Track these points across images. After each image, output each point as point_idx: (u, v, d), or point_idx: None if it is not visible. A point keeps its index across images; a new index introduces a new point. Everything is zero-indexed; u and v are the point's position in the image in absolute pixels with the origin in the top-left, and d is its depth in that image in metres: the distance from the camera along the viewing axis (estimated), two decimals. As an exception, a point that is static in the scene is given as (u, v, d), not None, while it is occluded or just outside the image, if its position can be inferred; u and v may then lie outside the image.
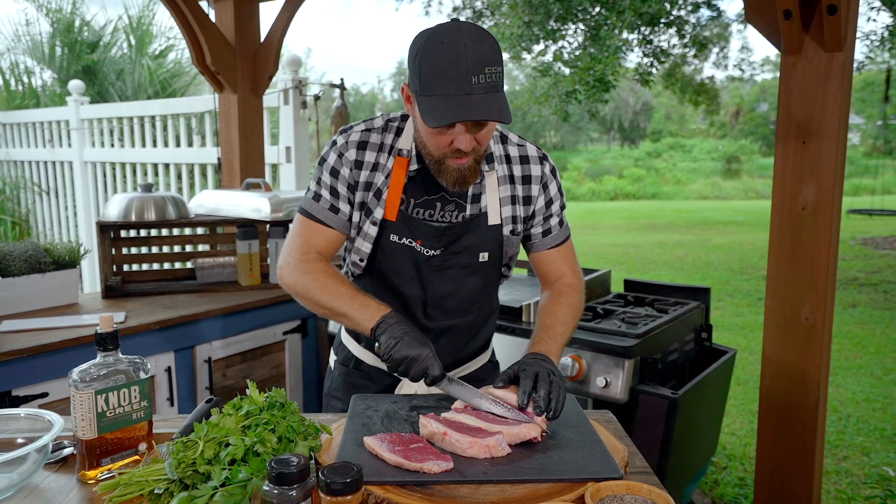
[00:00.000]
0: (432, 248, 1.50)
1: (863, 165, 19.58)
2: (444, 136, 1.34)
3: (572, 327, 1.57)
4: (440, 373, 1.32)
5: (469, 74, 1.24)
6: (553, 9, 7.64)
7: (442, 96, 1.26)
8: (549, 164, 1.59)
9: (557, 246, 1.63)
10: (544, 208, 1.58)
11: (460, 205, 1.51)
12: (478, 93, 1.25)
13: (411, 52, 1.32)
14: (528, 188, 1.56)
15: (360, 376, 1.67)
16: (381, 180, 1.49)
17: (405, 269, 1.51)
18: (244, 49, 3.66)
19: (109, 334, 1.24)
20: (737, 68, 12.19)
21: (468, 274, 1.54)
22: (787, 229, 2.32)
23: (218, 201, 3.15)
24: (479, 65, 1.24)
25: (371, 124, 1.52)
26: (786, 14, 2.11)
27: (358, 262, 1.54)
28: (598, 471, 1.14)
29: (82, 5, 8.34)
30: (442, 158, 1.38)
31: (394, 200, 1.47)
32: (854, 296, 7.39)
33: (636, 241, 11.54)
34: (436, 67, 1.26)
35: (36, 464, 1.18)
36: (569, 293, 1.60)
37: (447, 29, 1.28)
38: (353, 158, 1.49)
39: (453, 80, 1.25)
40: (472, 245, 1.51)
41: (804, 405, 2.35)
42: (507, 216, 1.54)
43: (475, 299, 1.59)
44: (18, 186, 6.41)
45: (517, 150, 1.57)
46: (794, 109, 2.26)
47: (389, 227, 1.49)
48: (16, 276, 2.56)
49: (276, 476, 0.94)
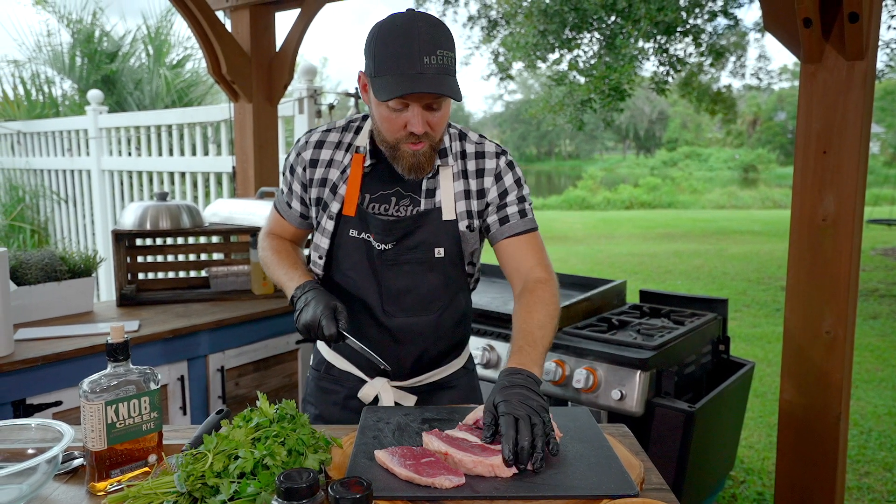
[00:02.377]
0: (383, 242, 1.51)
1: (883, 175, 19.34)
2: (397, 118, 1.37)
3: (552, 329, 1.44)
4: (335, 330, 1.37)
5: (421, 55, 1.29)
6: (568, 18, 7.63)
7: (394, 75, 1.30)
8: (506, 158, 1.57)
9: (519, 235, 1.54)
10: (497, 199, 1.54)
11: (415, 199, 1.52)
12: (429, 73, 1.30)
13: (367, 39, 1.37)
14: (480, 181, 1.55)
15: (330, 381, 1.68)
16: (337, 176, 1.54)
17: (361, 264, 1.53)
18: (260, 58, 3.68)
19: (120, 345, 1.23)
20: (754, 77, 12.11)
21: (425, 270, 1.53)
22: (807, 241, 2.28)
23: (232, 210, 3.16)
24: (432, 47, 1.30)
25: (333, 125, 1.60)
26: (805, 22, 2.08)
27: (318, 259, 1.58)
28: (613, 488, 1.11)
29: (102, 16, 8.46)
30: (397, 143, 1.41)
31: (352, 195, 1.51)
32: (875, 307, 7.27)
33: (652, 250, 11.45)
34: (389, 47, 1.31)
35: (46, 475, 1.17)
36: (540, 289, 1.48)
37: (402, 14, 1.34)
38: (308, 157, 1.57)
39: (405, 59, 1.29)
40: (426, 240, 1.51)
41: (825, 420, 2.30)
42: (462, 211, 1.53)
43: (434, 297, 1.55)
44: (38, 195, 6.48)
45: (474, 146, 1.57)
46: (815, 119, 2.23)
47: (348, 223, 1.52)
48: (31, 284, 2.58)
49: (285, 491, 0.93)
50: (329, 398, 1.66)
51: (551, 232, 14.27)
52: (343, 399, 1.65)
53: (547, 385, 2.40)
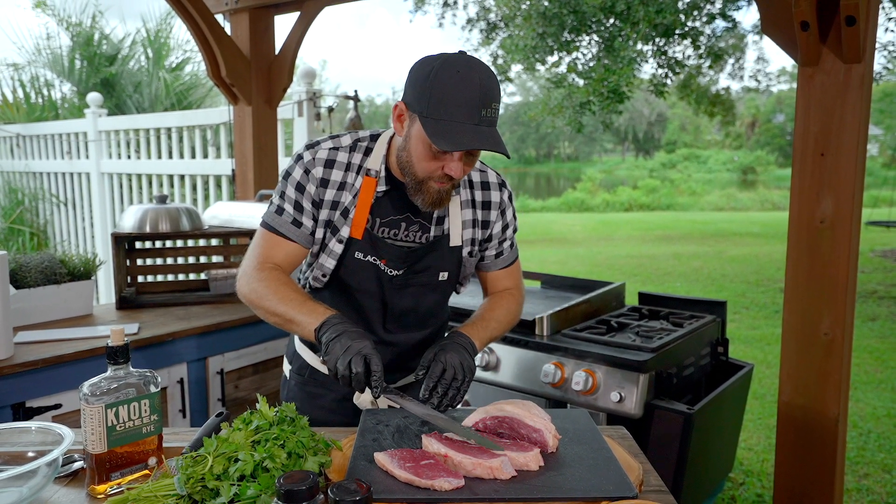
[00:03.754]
0: (396, 269, 1.54)
1: (881, 177, 19.38)
2: (436, 161, 1.38)
3: (505, 326, 1.66)
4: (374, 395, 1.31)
5: (480, 107, 1.32)
6: (567, 20, 7.65)
7: (453, 122, 1.31)
8: (507, 191, 1.67)
9: (507, 267, 1.72)
10: (500, 233, 1.66)
11: (424, 226, 1.56)
12: (484, 125, 1.33)
13: (421, 74, 1.35)
14: (487, 213, 1.63)
15: (316, 385, 1.68)
16: (349, 199, 1.52)
17: (368, 286, 1.55)
18: (259, 61, 3.69)
19: (120, 348, 1.24)
20: (753, 79, 12.10)
21: (428, 291, 1.60)
22: (805, 243, 2.29)
23: (232, 212, 3.16)
24: (488, 100, 1.33)
25: (339, 143, 1.54)
26: (803, 25, 2.09)
27: (320, 277, 1.57)
28: (612, 489, 1.11)
29: (102, 19, 8.48)
30: (426, 180, 1.42)
31: (360, 219, 1.51)
32: (874, 309, 7.27)
33: (651, 252, 11.46)
34: (449, 94, 1.31)
35: (46, 478, 1.17)
36: (509, 299, 1.70)
37: (460, 60, 1.34)
38: (319, 176, 1.51)
39: (465, 109, 1.31)
40: (433, 265, 1.57)
41: (824, 421, 2.31)
42: (468, 238, 1.61)
43: (432, 314, 1.65)
44: (37, 198, 6.48)
45: (479, 175, 1.63)
46: (812, 122, 2.23)
47: (355, 245, 1.52)
48: (31, 287, 2.58)
49: (285, 493, 0.93)
50: (316, 402, 1.67)
51: (550, 234, 14.28)
52: (331, 402, 1.65)
53: (546, 387, 2.40)
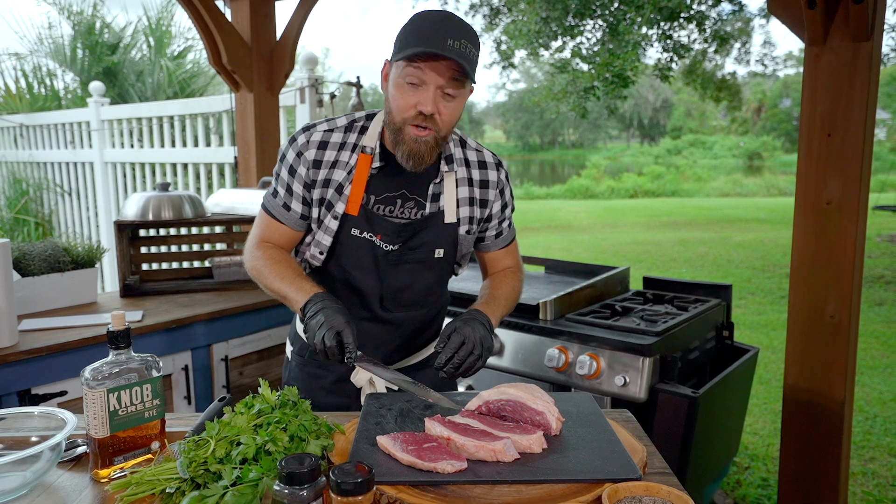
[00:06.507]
0: (391, 244, 1.54)
1: (889, 161, 19.23)
2: (411, 96, 1.38)
3: (512, 304, 1.67)
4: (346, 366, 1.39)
5: (447, 37, 1.33)
6: (571, 4, 7.58)
7: (419, 44, 1.34)
8: (504, 171, 1.68)
9: (506, 246, 1.74)
10: (500, 212, 1.67)
11: (420, 202, 1.56)
12: (451, 53, 1.33)
13: (399, 31, 1.42)
14: (485, 192, 1.63)
15: (316, 365, 1.69)
16: (343, 176, 1.53)
17: (364, 262, 1.55)
18: (260, 48, 3.67)
19: (121, 332, 1.23)
20: (759, 63, 12.00)
21: (424, 269, 1.59)
22: (812, 225, 2.26)
23: (234, 200, 3.15)
24: (458, 34, 1.34)
25: (334, 124, 1.56)
26: (810, 3, 2.06)
27: (318, 254, 1.58)
28: (615, 471, 1.11)
29: (103, 7, 8.44)
30: (403, 125, 1.42)
31: (356, 196, 1.52)
32: (880, 294, 7.24)
33: (656, 238, 11.42)
34: (416, 28, 1.36)
35: (49, 462, 1.18)
36: (512, 277, 1.72)
37: (436, 9, 1.41)
38: (311, 158, 1.53)
39: (431, 34, 1.33)
40: (428, 241, 1.56)
41: (829, 405, 2.30)
42: (465, 216, 1.60)
43: (429, 293, 1.65)
44: (41, 187, 6.49)
45: (475, 154, 1.64)
46: (819, 101, 2.21)
47: (350, 221, 1.53)
48: (35, 275, 2.58)
49: (287, 476, 0.93)
50: (317, 383, 1.68)
51: (555, 221, 14.24)
52: (331, 383, 1.66)
53: (550, 372, 2.40)
